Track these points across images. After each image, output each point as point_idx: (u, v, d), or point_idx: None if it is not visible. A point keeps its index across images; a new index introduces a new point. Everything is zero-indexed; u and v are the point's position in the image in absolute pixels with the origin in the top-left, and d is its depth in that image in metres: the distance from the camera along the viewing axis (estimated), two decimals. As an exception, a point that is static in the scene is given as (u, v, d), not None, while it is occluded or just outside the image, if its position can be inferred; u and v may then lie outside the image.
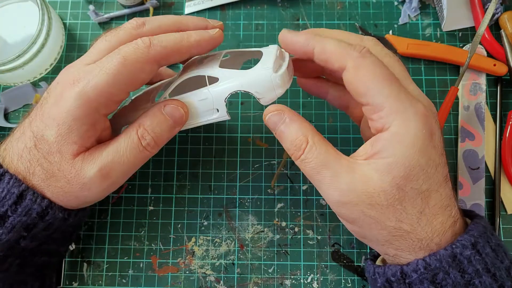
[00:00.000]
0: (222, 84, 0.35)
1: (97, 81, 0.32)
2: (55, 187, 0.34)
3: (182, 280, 0.42)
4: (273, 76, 0.34)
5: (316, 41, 0.33)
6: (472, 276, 0.29)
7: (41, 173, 0.33)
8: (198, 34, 0.35)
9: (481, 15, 0.46)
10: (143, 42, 0.33)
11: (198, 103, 0.36)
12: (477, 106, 0.45)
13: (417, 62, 0.47)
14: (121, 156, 0.34)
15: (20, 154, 0.33)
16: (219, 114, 0.36)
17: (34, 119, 0.33)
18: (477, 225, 0.31)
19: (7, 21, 0.47)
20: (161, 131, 0.35)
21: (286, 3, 0.50)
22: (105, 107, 0.33)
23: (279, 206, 0.44)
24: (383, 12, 0.49)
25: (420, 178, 0.30)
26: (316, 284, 0.42)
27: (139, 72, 0.33)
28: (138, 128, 0.34)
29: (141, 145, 0.34)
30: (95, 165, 0.33)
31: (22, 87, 0.47)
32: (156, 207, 0.44)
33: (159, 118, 0.35)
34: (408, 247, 0.31)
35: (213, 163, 0.45)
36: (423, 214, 0.30)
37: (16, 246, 0.33)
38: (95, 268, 0.43)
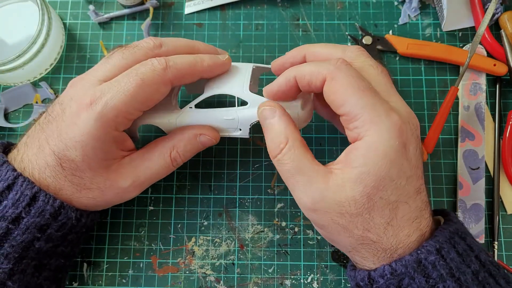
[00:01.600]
0: (250, 109, 0.37)
1: (116, 103, 0.33)
2: (87, 198, 0.35)
3: (182, 280, 0.42)
4: (301, 113, 0.36)
5: (294, 71, 0.34)
6: (437, 281, 0.30)
7: (70, 188, 0.35)
8: (211, 59, 0.37)
9: (481, 15, 0.46)
10: (159, 63, 0.34)
11: (223, 121, 0.38)
12: (477, 106, 0.45)
13: (417, 62, 0.48)
14: (153, 173, 0.37)
15: (41, 170, 0.34)
16: (240, 133, 0.38)
17: (51, 136, 0.34)
18: (443, 231, 0.32)
19: (7, 21, 0.47)
20: (191, 155, 0.39)
21: (286, 3, 0.50)
22: (122, 125, 0.35)
23: (279, 206, 0.44)
24: (383, 12, 0.49)
25: (389, 188, 0.30)
26: (316, 284, 0.42)
27: (154, 93, 0.35)
28: (172, 150, 0.37)
29: (172, 166, 0.38)
30: (129, 178, 0.36)
31: (22, 87, 0.47)
32: (156, 207, 0.44)
33: (193, 145, 0.38)
34: (373, 255, 0.32)
35: (213, 163, 0.45)
36: (390, 225, 0.31)
37: (31, 248, 0.34)
38: (95, 268, 0.43)
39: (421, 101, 0.46)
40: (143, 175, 0.37)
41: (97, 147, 0.34)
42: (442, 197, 0.44)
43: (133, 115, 0.35)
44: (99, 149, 0.34)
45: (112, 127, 0.34)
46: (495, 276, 0.31)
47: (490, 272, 0.31)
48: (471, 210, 0.43)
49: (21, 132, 0.46)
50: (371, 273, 0.32)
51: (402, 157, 0.30)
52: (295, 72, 0.34)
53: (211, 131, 0.38)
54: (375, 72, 0.34)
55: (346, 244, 0.33)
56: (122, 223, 0.44)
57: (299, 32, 0.49)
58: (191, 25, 0.49)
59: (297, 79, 0.34)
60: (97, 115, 0.33)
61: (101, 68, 0.36)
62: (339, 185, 0.31)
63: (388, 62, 0.47)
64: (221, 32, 0.49)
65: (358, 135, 0.31)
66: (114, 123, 0.34)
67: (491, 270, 0.31)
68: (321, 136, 0.45)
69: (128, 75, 0.34)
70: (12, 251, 0.33)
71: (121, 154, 0.36)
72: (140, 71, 0.34)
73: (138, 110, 0.35)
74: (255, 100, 0.36)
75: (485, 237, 0.42)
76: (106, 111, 0.33)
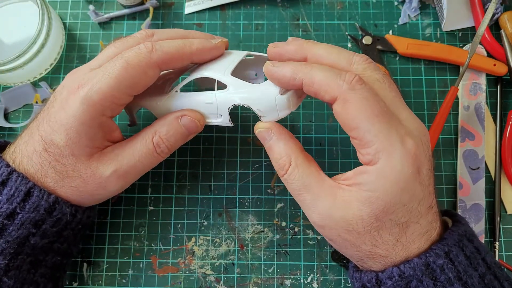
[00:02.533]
0: (228, 93, 0.35)
1: (101, 85, 0.33)
2: (69, 187, 0.35)
3: (182, 280, 0.42)
4: (278, 98, 0.34)
5: (303, 73, 0.32)
6: (444, 284, 0.30)
7: (54, 175, 0.34)
8: (201, 43, 0.36)
9: (481, 15, 0.46)
10: (145, 47, 0.34)
11: (204, 105, 0.36)
12: (477, 106, 0.45)
13: (417, 62, 0.47)
14: (136, 160, 0.35)
15: (29, 157, 0.34)
16: (222, 119, 0.37)
17: (41, 122, 0.34)
18: (452, 234, 0.32)
19: (7, 21, 0.47)
20: (176, 140, 0.37)
21: (286, 3, 0.50)
22: (110, 110, 0.34)
23: (279, 206, 0.44)
24: (383, 12, 0.49)
25: (399, 212, 0.30)
26: (316, 284, 0.42)
27: (141, 76, 0.34)
28: (154, 135, 0.36)
29: (156, 152, 0.36)
30: (111, 166, 0.35)
31: (22, 87, 0.47)
32: (156, 207, 0.44)
33: (175, 128, 0.36)
34: (381, 266, 0.32)
35: (213, 163, 0.45)
36: (399, 242, 0.31)
37: (26, 243, 0.34)
38: (95, 268, 0.43)
39: (421, 101, 0.46)
40: (126, 163, 0.35)
41: (82, 131, 0.33)
42: (442, 197, 0.44)
43: (121, 100, 0.34)
44: (83, 134, 0.33)
45: (98, 111, 0.33)
46: (500, 278, 0.31)
47: (495, 274, 0.31)
48: (471, 210, 0.43)
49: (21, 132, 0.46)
50: (379, 274, 0.32)
51: (415, 183, 0.30)
52: (303, 75, 0.32)
53: (193, 112, 0.36)
54: (383, 86, 0.32)
55: (354, 257, 0.33)
56: (122, 223, 0.44)
57: (299, 32, 0.49)
58: (191, 25, 0.49)
59: (303, 83, 0.32)
60: (82, 98, 0.33)
61: (95, 59, 0.36)
62: (346, 203, 0.30)
63: (388, 62, 0.47)
64: (221, 32, 0.49)
65: (370, 161, 0.30)
66: (100, 106, 0.33)
67: (496, 272, 0.31)
68: (321, 136, 0.45)
69: (114, 60, 0.34)
70: (7, 246, 0.33)
71: (106, 144, 0.36)
72: (126, 55, 0.34)
73: (126, 95, 0.34)
74: (235, 84, 0.35)
75: (485, 237, 0.42)
76: (91, 93, 0.33)
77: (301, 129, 0.46)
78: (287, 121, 0.46)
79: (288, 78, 0.32)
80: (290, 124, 0.46)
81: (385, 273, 0.31)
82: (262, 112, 0.34)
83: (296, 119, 0.46)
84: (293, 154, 0.33)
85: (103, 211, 0.44)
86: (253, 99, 0.34)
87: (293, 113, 0.46)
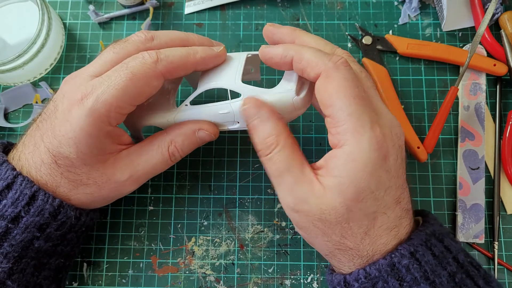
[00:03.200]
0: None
1: (106, 97, 0.33)
2: (83, 194, 0.35)
3: (182, 280, 0.42)
4: (296, 99, 0.34)
5: (294, 50, 0.33)
6: (410, 284, 0.30)
7: (67, 184, 0.34)
8: (204, 51, 0.36)
9: (481, 15, 0.46)
10: (150, 57, 0.34)
11: (219, 115, 0.37)
12: (477, 106, 0.45)
13: (417, 62, 0.48)
14: (150, 167, 0.37)
15: (37, 168, 0.34)
16: (239, 125, 0.37)
17: (45, 133, 0.34)
18: (419, 233, 0.32)
19: (7, 21, 0.47)
20: (189, 150, 0.38)
21: (286, 3, 0.50)
22: (115, 120, 0.34)
23: (279, 206, 0.44)
24: (383, 12, 0.49)
25: (368, 200, 0.30)
26: (316, 284, 0.42)
27: (146, 86, 0.34)
28: (170, 145, 0.37)
29: (170, 160, 0.37)
30: (126, 172, 0.36)
31: (22, 87, 0.47)
32: (156, 207, 0.44)
33: (191, 139, 0.37)
34: (349, 261, 0.32)
35: (213, 163, 0.45)
36: (368, 235, 0.31)
37: (30, 247, 0.34)
38: (95, 268, 0.43)
39: (421, 101, 0.46)
40: (141, 169, 0.36)
41: (91, 143, 0.33)
42: (442, 197, 0.44)
43: (126, 110, 0.34)
44: (93, 145, 0.33)
45: (104, 122, 0.33)
46: (474, 277, 0.31)
47: (468, 273, 0.31)
48: (471, 210, 0.43)
49: (21, 132, 0.46)
50: (346, 277, 0.32)
51: (381, 169, 0.30)
52: (294, 52, 0.33)
53: (210, 126, 0.37)
54: (361, 76, 0.33)
55: (324, 248, 0.33)
56: (122, 223, 0.44)
57: (299, 32, 0.49)
58: (191, 25, 0.49)
59: (293, 60, 0.33)
60: (88, 110, 0.32)
61: (93, 64, 0.35)
62: (321, 191, 0.31)
63: (388, 62, 0.47)
64: (221, 32, 0.49)
65: (338, 141, 0.31)
66: (106, 118, 0.33)
67: (470, 271, 0.31)
68: (321, 136, 0.45)
69: (118, 70, 0.33)
70: (11, 250, 0.33)
71: (117, 148, 0.36)
72: (130, 65, 0.33)
73: (131, 105, 0.34)
74: (248, 91, 0.35)
75: (485, 237, 0.42)
76: (97, 106, 0.32)
77: (301, 129, 0.46)
78: (287, 121, 0.46)
79: (279, 56, 0.33)
80: (290, 124, 0.46)
81: (352, 276, 0.31)
82: (280, 115, 0.35)
83: (296, 119, 0.46)
84: (282, 135, 0.33)
85: (103, 211, 0.44)
86: (272, 103, 0.34)
87: (293, 113, 0.46)
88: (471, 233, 0.42)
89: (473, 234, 0.42)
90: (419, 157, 0.43)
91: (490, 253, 0.42)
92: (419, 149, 0.43)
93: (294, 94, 0.34)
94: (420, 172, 0.44)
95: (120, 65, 0.34)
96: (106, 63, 0.35)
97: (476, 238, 0.42)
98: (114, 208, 0.44)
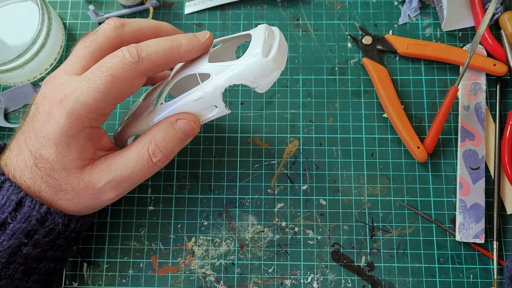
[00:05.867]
0: (214, 80, 0.34)
1: (86, 99, 0.31)
2: (64, 200, 0.34)
3: (182, 280, 0.42)
4: (264, 61, 0.32)
5: None
6: None
7: (47, 189, 0.33)
8: (189, 43, 0.34)
9: (481, 15, 0.46)
10: (131, 56, 0.32)
11: (194, 104, 0.35)
12: (477, 106, 0.45)
13: (417, 62, 0.47)
14: (130, 172, 0.34)
15: (21, 172, 0.33)
16: (217, 110, 0.35)
17: (28, 136, 0.33)
18: None
19: (7, 21, 0.47)
20: (173, 147, 0.35)
21: (286, 3, 0.50)
22: (96, 121, 0.33)
23: (279, 206, 0.44)
24: (383, 12, 0.49)
25: None
26: (316, 284, 0.42)
27: (127, 87, 0.33)
28: (149, 144, 0.34)
29: (151, 162, 0.34)
30: (104, 177, 0.34)
31: (22, 87, 0.47)
32: (156, 207, 0.44)
33: (171, 133, 0.35)
34: None
35: (213, 163, 0.45)
36: None
37: (18, 253, 0.33)
38: (95, 268, 0.43)
39: (421, 101, 0.46)
40: (119, 174, 0.34)
41: (70, 144, 0.32)
42: (442, 197, 0.44)
43: (107, 110, 0.33)
44: (72, 146, 0.32)
45: (85, 123, 0.32)
46: None
47: None
48: (471, 210, 0.43)
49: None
50: None
51: None
52: None
53: (186, 114, 0.35)
54: None
55: None
56: (122, 223, 0.44)
57: (299, 32, 0.49)
58: (191, 25, 0.49)
59: None
60: (67, 112, 0.31)
61: (68, 62, 0.34)
62: None
63: (388, 62, 0.47)
64: (221, 32, 0.49)
65: None
66: (87, 119, 0.32)
67: None
68: (321, 136, 0.45)
69: (97, 71, 0.32)
70: None
71: (98, 154, 0.35)
72: (110, 66, 0.32)
73: (112, 105, 0.33)
74: (216, 69, 0.33)
75: (485, 237, 0.42)
76: (76, 107, 0.31)
77: (301, 129, 0.46)
78: (287, 121, 0.46)
79: None
80: (290, 124, 0.46)
81: None
82: (254, 83, 0.33)
83: (296, 119, 0.46)
84: None
85: (103, 211, 0.44)
86: (241, 74, 0.33)
87: (293, 113, 0.46)
88: (471, 233, 0.42)
89: (473, 234, 0.42)
90: (419, 157, 0.43)
91: (490, 253, 0.42)
92: (419, 149, 0.43)
93: (262, 57, 0.32)
94: (420, 172, 0.44)
95: (99, 65, 0.32)
96: (81, 59, 0.34)
97: (476, 238, 0.42)
98: (114, 208, 0.44)
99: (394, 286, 0.41)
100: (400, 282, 0.42)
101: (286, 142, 0.45)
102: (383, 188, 0.44)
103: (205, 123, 0.37)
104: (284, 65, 0.34)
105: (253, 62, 0.32)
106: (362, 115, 0.46)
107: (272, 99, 0.47)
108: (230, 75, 0.33)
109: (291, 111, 0.46)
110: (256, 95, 0.47)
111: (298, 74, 0.47)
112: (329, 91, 0.47)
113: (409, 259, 0.42)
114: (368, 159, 0.45)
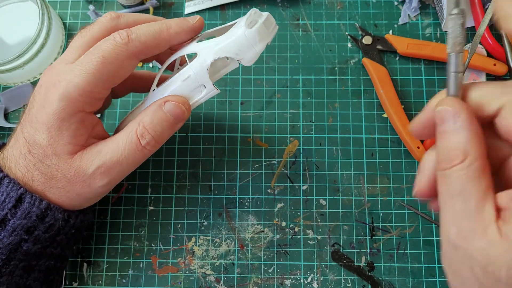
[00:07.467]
0: (200, 58, 0.34)
1: (78, 81, 0.32)
2: (56, 188, 0.34)
3: (182, 280, 0.42)
4: (248, 32, 0.33)
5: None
6: None
7: (40, 177, 0.33)
8: (178, 25, 0.35)
9: (481, 15, 0.46)
10: (121, 38, 0.33)
11: (183, 85, 0.35)
12: (477, 106, 0.45)
13: (417, 62, 0.47)
14: (119, 155, 0.34)
15: (16, 161, 0.33)
16: (206, 90, 0.35)
17: (24, 125, 0.34)
18: None
19: (7, 21, 0.47)
20: (162, 129, 0.35)
21: (286, 3, 0.50)
22: (89, 105, 0.34)
23: (279, 206, 0.44)
24: (383, 12, 0.49)
25: None
26: (316, 284, 0.42)
27: (119, 69, 0.33)
28: (137, 127, 0.34)
29: (140, 145, 0.34)
30: (94, 162, 0.33)
31: (22, 87, 0.47)
32: (156, 207, 0.44)
33: (159, 116, 0.34)
34: None
35: (213, 163, 0.45)
36: None
37: (18, 249, 0.33)
38: (95, 268, 0.43)
39: (421, 101, 0.46)
40: (109, 158, 0.33)
41: (63, 127, 0.32)
42: (442, 197, 0.44)
43: (100, 94, 0.34)
44: (64, 130, 0.32)
45: (78, 107, 0.32)
46: None
47: None
48: (471, 210, 0.42)
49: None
50: None
51: None
52: None
53: (174, 96, 0.35)
54: None
55: None
56: (122, 223, 0.44)
57: (299, 32, 0.49)
58: (191, 25, 0.49)
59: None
60: (60, 94, 0.32)
61: (66, 53, 0.35)
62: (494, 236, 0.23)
63: (388, 62, 0.47)
64: (221, 32, 0.49)
65: None
66: (80, 102, 0.32)
67: None
68: (321, 136, 0.45)
69: (90, 54, 0.33)
70: None
71: (90, 141, 0.35)
72: (101, 48, 0.32)
73: (105, 88, 0.34)
74: (203, 46, 0.34)
75: (485, 237, 0.42)
76: (69, 90, 0.32)
77: (301, 129, 0.46)
78: (287, 121, 0.46)
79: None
80: (290, 124, 0.46)
81: None
82: (239, 55, 0.33)
83: (296, 119, 0.46)
84: (474, 152, 0.25)
85: (103, 211, 0.44)
86: (226, 48, 0.33)
87: (293, 113, 0.46)
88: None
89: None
90: (419, 157, 0.43)
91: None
92: (419, 149, 0.43)
93: (245, 29, 0.32)
94: (420, 172, 0.44)
95: (92, 49, 0.33)
96: (77, 49, 0.34)
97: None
98: (114, 208, 0.44)
99: (394, 286, 0.41)
100: (400, 282, 0.42)
101: (286, 142, 0.45)
102: (383, 188, 0.44)
103: (205, 123, 0.37)
104: (270, 38, 0.34)
105: (236, 33, 0.33)
106: (362, 115, 0.46)
107: (272, 99, 0.47)
108: (215, 50, 0.33)
109: (291, 111, 0.46)
110: (256, 95, 0.47)
111: (298, 74, 0.47)
112: (329, 91, 0.47)
113: (409, 259, 0.42)
114: (368, 159, 0.45)
